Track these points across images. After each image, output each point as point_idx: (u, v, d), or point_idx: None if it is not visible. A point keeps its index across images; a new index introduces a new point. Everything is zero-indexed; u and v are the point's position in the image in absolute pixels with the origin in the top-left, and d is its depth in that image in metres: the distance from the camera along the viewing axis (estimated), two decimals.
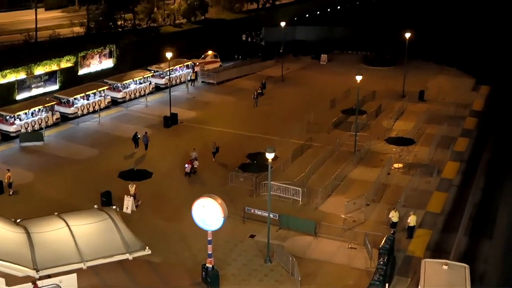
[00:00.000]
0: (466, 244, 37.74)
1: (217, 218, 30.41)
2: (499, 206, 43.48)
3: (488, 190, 46.09)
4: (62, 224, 31.17)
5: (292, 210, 41.00)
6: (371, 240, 35.75)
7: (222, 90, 73.48)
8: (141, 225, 37.76)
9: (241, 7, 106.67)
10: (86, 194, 42.93)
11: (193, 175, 46.92)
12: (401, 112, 64.25)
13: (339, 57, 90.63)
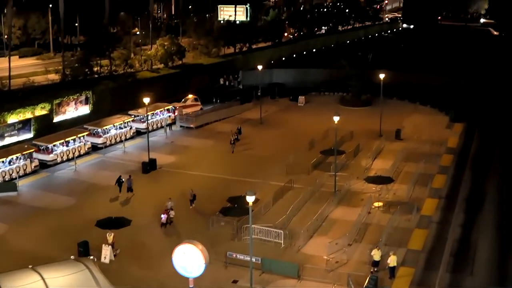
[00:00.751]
0: (448, 280, 37.71)
1: (199, 265, 29.95)
2: (478, 242, 43.64)
3: (467, 226, 46.29)
4: (36, 277, 29.77)
5: (274, 253, 40.80)
6: (355, 280, 35.63)
7: (201, 134, 73.52)
8: (120, 275, 37.24)
9: (218, 51, 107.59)
10: (63, 244, 42.08)
11: (169, 225, 46.03)
12: (378, 151, 64.68)
13: (317, 99, 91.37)
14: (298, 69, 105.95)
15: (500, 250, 42.43)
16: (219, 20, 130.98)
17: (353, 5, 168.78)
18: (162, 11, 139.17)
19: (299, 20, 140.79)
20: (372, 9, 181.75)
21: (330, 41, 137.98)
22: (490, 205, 50.98)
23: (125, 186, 52.83)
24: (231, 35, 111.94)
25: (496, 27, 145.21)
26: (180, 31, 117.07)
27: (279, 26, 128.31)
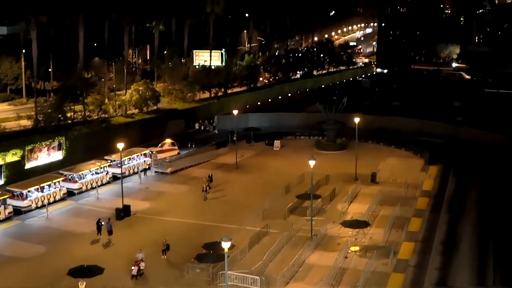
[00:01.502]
0: None
1: None
2: (455, 285, 43.32)
3: (444, 269, 46.05)
4: None
5: None
6: None
7: (175, 179, 72.86)
8: None
9: (193, 96, 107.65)
10: None
11: (139, 277, 44.74)
12: (354, 195, 64.59)
13: (292, 143, 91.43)
14: (274, 113, 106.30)
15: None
16: (195, 65, 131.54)
17: (328, 50, 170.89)
18: (137, 56, 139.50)
19: (274, 65, 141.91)
20: (346, 54, 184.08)
21: (305, 85, 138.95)
22: (466, 247, 50.87)
23: (105, 229, 52.14)
24: (207, 80, 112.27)
25: (468, 71, 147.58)
26: (155, 76, 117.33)
27: (255, 71, 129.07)
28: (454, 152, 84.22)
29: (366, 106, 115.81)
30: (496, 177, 72.18)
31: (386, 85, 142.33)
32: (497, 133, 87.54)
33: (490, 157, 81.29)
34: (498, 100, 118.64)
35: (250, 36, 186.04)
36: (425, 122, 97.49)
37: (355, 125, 73.04)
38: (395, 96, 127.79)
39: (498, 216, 58.80)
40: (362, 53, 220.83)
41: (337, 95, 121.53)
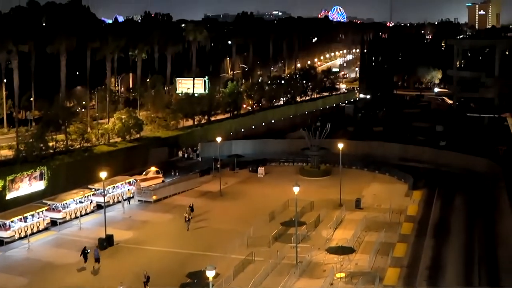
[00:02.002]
0: None
1: None
2: None
3: None
4: None
5: None
6: None
7: (159, 208, 72.29)
8: None
9: (176, 124, 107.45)
10: None
11: None
12: (339, 221, 64.38)
13: (276, 169, 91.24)
14: (257, 140, 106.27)
15: None
16: (178, 93, 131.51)
17: (310, 77, 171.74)
18: (119, 84, 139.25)
19: (257, 91, 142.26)
20: (329, 80, 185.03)
21: (288, 112, 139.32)
22: (452, 272, 50.72)
23: (91, 257, 51.65)
24: (190, 108, 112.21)
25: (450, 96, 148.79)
26: (138, 104, 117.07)
27: (238, 98, 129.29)
28: (438, 177, 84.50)
29: (350, 132, 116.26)
30: (479, 201, 72.37)
31: (369, 110, 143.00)
32: (479, 157, 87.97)
33: (473, 181, 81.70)
34: (481, 124, 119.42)
35: (233, 63, 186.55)
36: (408, 147, 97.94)
37: (339, 151, 73.44)
38: (378, 122, 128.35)
39: (483, 240, 58.86)
40: (345, 79, 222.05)
41: (321, 121, 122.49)
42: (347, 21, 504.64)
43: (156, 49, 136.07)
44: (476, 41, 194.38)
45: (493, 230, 61.93)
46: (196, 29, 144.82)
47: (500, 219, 64.44)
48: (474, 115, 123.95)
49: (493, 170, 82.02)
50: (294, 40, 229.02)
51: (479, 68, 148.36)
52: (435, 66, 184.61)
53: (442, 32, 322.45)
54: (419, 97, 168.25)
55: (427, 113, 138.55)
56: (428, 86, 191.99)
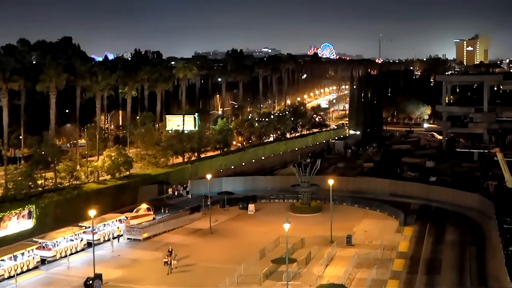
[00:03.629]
0: None
1: None
2: None
3: None
4: None
5: None
6: None
7: (149, 246, 71.59)
8: None
9: (166, 161, 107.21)
10: None
11: None
12: (330, 258, 63.97)
13: (267, 206, 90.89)
14: (247, 176, 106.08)
15: None
16: (168, 130, 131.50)
17: (300, 113, 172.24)
18: (109, 121, 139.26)
19: (247, 128, 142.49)
20: (319, 116, 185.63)
21: (278, 148, 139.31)
22: None
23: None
24: (180, 145, 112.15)
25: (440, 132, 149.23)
26: (128, 141, 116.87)
27: (228, 135, 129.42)
28: (429, 213, 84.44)
29: (340, 168, 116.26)
30: (471, 237, 72.23)
31: (359, 146, 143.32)
32: (470, 193, 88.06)
33: (465, 217, 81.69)
34: (470, 159, 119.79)
35: (223, 100, 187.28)
36: (399, 183, 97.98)
37: (329, 187, 73.46)
38: (368, 158, 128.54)
39: (475, 277, 58.57)
40: (335, 115, 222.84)
41: (311, 158, 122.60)
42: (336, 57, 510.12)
43: (146, 87, 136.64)
44: (464, 77, 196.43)
45: (484, 266, 61.63)
46: (186, 67, 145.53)
47: (492, 256, 64.18)
48: (464, 150, 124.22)
49: (484, 205, 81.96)
50: (283, 77, 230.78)
51: (468, 103, 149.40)
52: (425, 102, 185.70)
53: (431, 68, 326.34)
54: (409, 133, 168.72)
55: (417, 149, 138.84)
56: (417, 122, 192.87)
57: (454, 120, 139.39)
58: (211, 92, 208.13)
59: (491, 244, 68.02)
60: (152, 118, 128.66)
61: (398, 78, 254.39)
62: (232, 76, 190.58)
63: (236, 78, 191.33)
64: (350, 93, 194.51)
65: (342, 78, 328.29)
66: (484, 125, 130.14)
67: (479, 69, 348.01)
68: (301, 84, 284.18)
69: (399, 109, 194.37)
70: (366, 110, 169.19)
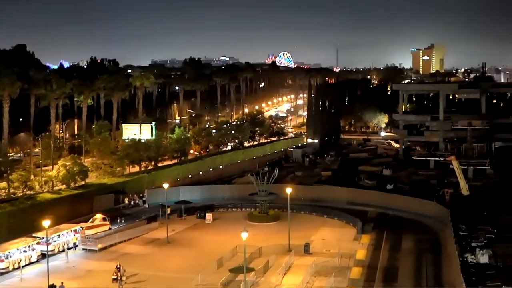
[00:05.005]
0: None
1: None
2: None
3: None
4: None
5: None
6: None
7: (104, 256, 70.41)
8: None
9: (123, 170, 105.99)
10: None
11: None
12: (288, 266, 63.77)
13: (224, 215, 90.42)
14: (205, 185, 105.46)
15: None
16: (124, 139, 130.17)
17: (258, 122, 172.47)
18: (64, 130, 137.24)
19: (205, 137, 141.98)
20: (277, 125, 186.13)
21: (236, 157, 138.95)
22: None
23: None
24: (136, 154, 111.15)
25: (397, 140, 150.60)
26: (83, 150, 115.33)
27: (185, 144, 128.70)
28: (386, 220, 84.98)
29: (298, 177, 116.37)
30: (427, 244, 72.84)
31: (317, 155, 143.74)
32: (426, 200, 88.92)
33: (421, 224, 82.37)
34: (426, 167, 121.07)
35: (181, 109, 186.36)
36: (356, 191, 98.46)
37: (287, 196, 73.32)
38: (326, 166, 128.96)
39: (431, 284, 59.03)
40: (293, 124, 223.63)
41: (269, 166, 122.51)
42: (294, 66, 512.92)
43: (102, 95, 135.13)
44: (420, 86, 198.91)
45: (440, 274, 62.11)
46: (143, 75, 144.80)
47: (447, 263, 64.72)
48: (420, 158, 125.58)
49: (440, 213, 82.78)
50: (241, 85, 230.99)
51: (424, 112, 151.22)
52: (382, 110, 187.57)
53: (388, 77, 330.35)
54: (366, 141, 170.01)
55: (374, 157, 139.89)
56: (375, 130, 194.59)
57: (410, 129, 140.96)
58: (169, 100, 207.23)
59: (447, 251, 68.60)
60: (108, 127, 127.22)
61: (356, 86, 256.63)
62: (190, 84, 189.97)
63: (194, 87, 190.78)
64: (308, 101, 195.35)
65: (300, 86, 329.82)
66: (440, 133, 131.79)
67: (435, 78, 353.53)
68: (259, 93, 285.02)
69: (357, 117, 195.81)
70: (324, 119, 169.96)
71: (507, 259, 64.21)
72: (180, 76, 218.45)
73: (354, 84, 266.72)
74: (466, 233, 72.83)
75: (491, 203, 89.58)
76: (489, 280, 58.05)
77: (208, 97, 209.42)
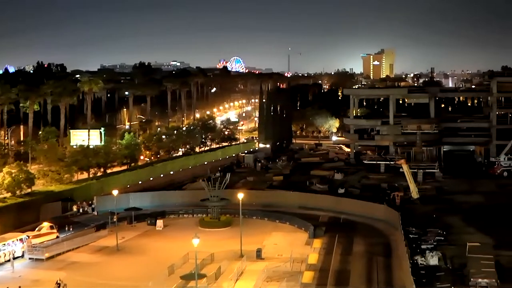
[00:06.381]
0: None
1: None
2: None
3: None
4: None
5: None
6: None
7: (52, 265, 68.77)
8: None
9: (71, 177, 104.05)
10: None
11: None
12: (240, 272, 63.35)
13: (176, 222, 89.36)
14: (156, 192, 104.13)
15: None
16: (72, 145, 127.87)
17: (209, 127, 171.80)
18: (9, 137, 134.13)
19: (155, 143, 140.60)
20: (228, 130, 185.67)
21: (187, 163, 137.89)
22: None
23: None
24: (85, 160, 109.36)
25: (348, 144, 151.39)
26: (30, 157, 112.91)
27: (135, 150, 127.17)
28: (337, 224, 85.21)
29: (250, 182, 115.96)
30: (378, 247, 73.26)
31: (269, 160, 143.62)
32: (377, 204, 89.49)
33: (372, 227, 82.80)
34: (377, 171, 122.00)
35: (130, 114, 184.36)
36: (308, 196, 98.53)
37: (239, 201, 72.95)
38: (278, 171, 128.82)
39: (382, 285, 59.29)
40: (244, 129, 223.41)
41: (221, 172, 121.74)
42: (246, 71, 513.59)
43: (49, 101, 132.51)
44: (371, 91, 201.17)
45: (391, 276, 62.49)
46: (91, 80, 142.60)
47: (398, 265, 65.14)
48: (371, 163, 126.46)
49: (391, 216, 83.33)
50: (192, 91, 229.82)
51: (375, 116, 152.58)
52: (333, 115, 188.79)
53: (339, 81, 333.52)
54: (318, 146, 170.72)
55: (326, 162, 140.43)
56: (326, 135, 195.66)
57: (361, 133, 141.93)
58: (118, 106, 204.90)
59: (397, 254, 69.05)
60: (55, 133, 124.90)
61: (307, 91, 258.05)
62: (140, 89, 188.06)
63: (144, 92, 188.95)
64: (260, 106, 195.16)
65: (251, 91, 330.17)
66: (390, 137, 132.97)
67: (385, 83, 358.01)
68: (211, 98, 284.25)
69: (308, 122, 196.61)
70: (275, 124, 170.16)
71: (455, 261, 64.93)
72: (130, 81, 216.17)
73: (306, 89, 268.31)
74: (416, 236, 73.52)
75: (440, 206, 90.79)
76: (439, 282, 58.85)
77: (159, 103, 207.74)
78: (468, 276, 58.26)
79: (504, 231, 76.29)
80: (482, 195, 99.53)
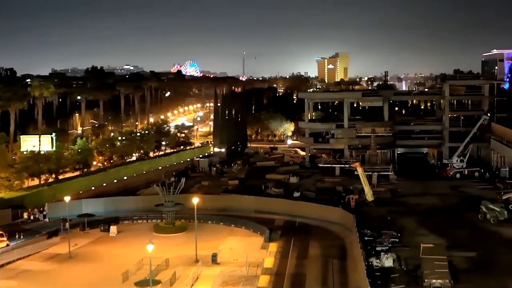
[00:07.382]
0: None
1: None
2: None
3: None
4: None
5: None
6: None
7: (2, 274, 67.02)
8: None
9: (21, 184, 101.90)
10: None
11: None
12: (196, 277, 62.87)
13: (130, 227, 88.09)
14: (109, 197, 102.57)
15: None
16: (22, 151, 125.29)
17: (163, 132, 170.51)
18: None
19: (108, 148, 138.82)
20: (183, 134, 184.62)
21: (141, 168, 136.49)
22: None
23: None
24: (36, 166, 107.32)
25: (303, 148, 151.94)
26: None
27: (88, 155, 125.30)
28: (293, 228, 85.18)
29: (205, 186, 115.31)
30: (333, 250, 73.43)
31: (224, 164, 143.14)
32: (332, 207, 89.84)
33: (327, 230, 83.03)
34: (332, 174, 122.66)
35: (83, 119, 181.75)
36: (264, 200, 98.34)
37: (194, 206, 72.42)
38: (233, 175, 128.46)
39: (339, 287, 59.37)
40: (199, 133, 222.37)
41: (175, 177, 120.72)
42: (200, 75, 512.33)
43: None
44: (326, 94, 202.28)
45: (346, 279, 62.71)
46: (42, 85, 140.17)
47: (353, 268, 65.39)
48: (326, 166, 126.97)
49: (346, 219, 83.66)
50: (146, 95, 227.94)
51: (329, 120, 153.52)
52: (288, 119, 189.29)
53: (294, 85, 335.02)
54: (273, 150, 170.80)
55: (281, 165, 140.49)
56: (281, 139, 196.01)
57: (316, 136, 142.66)
58: (70, 111, 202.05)
59: (352, 256, 69.36)
60: (5, 139, 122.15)
61: (262, 95, 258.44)
62: (92, 94, 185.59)
63: (96, 96, 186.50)
64: (215, 110, 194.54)
65: (206, 95, 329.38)
66: (345, 140, 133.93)
67: (340, 87, 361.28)
68: (165, 102, 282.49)
69: (263, 126, 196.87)
70: (230, 128, 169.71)
71: (410, 262, 65.49)
72: (82, 86, 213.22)
73: (261, 93, 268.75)
74: (371, 238, 74.02)
75: (394, 208, 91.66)
76: (394, 283, 59.32)
77: (112, 107, 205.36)
78: (422, 277, 58.95)
79: (457, 232, 77.59)
80: (435, 196, 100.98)
